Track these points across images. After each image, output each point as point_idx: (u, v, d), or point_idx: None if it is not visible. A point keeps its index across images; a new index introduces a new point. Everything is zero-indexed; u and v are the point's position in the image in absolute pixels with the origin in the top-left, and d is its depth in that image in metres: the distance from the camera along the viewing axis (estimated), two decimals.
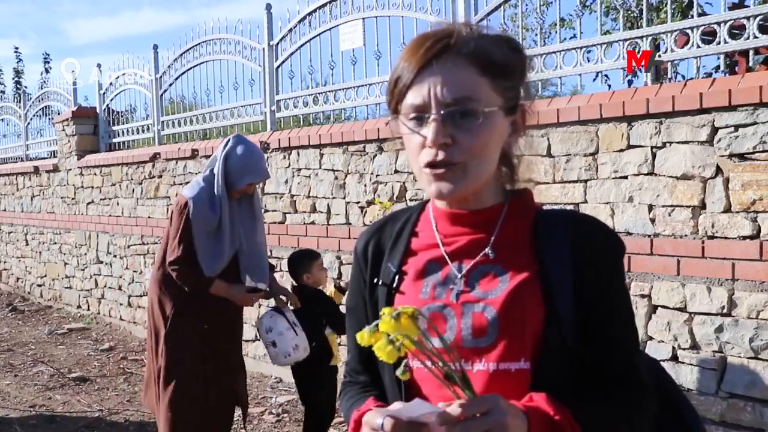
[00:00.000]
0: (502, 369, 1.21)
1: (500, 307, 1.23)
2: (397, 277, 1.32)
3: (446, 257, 1.30)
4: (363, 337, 1.09)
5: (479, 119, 1.21)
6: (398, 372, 1.13)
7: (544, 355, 1.21)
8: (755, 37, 3.39)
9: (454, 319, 1.25)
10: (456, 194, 1.24)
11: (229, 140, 3.75)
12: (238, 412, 4.07)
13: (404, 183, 4.80)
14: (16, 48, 35.77)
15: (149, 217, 7.43)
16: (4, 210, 10.97)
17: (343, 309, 4.09)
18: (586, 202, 3.77)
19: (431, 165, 1.22)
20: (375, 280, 1.35)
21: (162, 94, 7.75)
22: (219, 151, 3.73)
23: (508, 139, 1.29)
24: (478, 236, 1.29)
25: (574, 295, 1.23)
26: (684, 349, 3.42)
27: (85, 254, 8.69)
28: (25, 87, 19.20)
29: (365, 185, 5.05)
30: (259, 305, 5.55)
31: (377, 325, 1.08)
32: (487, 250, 1.28)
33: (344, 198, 5.23)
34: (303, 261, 4.09)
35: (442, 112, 1.20)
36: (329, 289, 4.24)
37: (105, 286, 8.32)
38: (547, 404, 1.15)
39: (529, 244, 1.28)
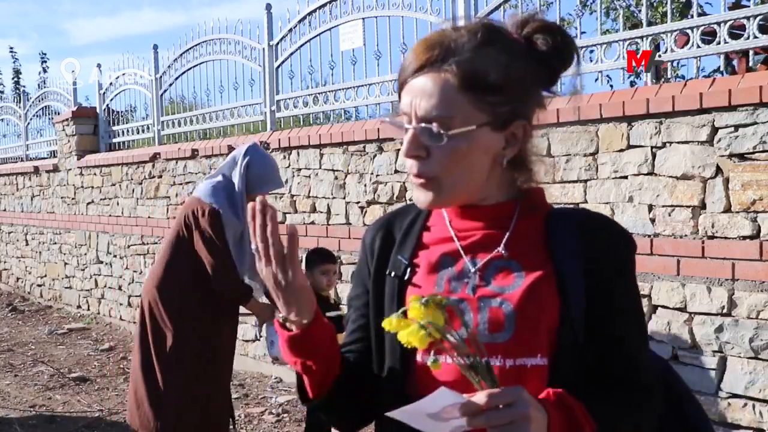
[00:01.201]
0: (519, 364, 1.21)
1: (517, 302, 1.23)
2: (408, 270, 1.32)
3: (461, 251, 1.30)
4: (389, 323, 1.10)
5: (452, 138, 1.21)
6: (429, 362, 1.14)
7: (560, 352, 1.21)
8: (755, 37, 3.39)
9: (471, 314, 1.24)
10: (432, 206, 1.28)
11: (248, 149, 3.74)
12: (238, 412, 4.06)
13: (404, 183, 4.80)
14: (11, 48, 35.63)
15: (149, 217, 7.43)
16: (4, 210, 10.97)
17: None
18: (586, 202, 3.77)
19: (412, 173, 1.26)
20: (386, 271, 1.35)
21: (162, 94, 7.75)
22: (238, 157, 3.72)
23: (503, 151, 1.27)
24: (492, 232, 1.29)
25: (585, 293, 1.24)
26: (684, 349, 3.42)
27: (85, 254, 8.69)
28: (24, 87, 19.14)
29: (365, 185, 5.05)
30: None
31: (404, 312, 1.09)
32: (500, 248, 1.28)
33: (344, 198, 5.23)
34: (310, 260, 4.10)
35: (416, 126, 1.22)
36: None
37: (105, 286, 8.32)
38: (566, 400, 1.15)
39: (542, 242, 1.28)
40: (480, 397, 1.07)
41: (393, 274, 1.33)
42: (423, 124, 1.21)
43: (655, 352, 1.47)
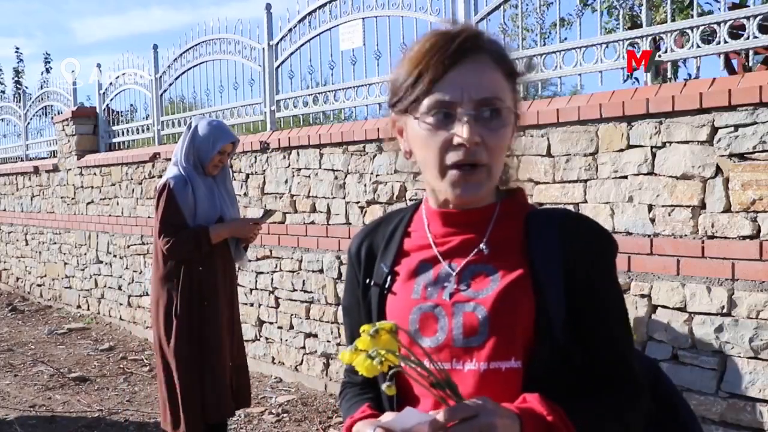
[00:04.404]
0: (493, 368, 1.21)
1: (491, 306, 1.23)
2: (389, 278, 1.33)
3: (439, 257, 1.31)
4: (345, 356, 1.10)
5: (504, 120, 1.23)
6: (383, 387, 1.14)
7: (535, 354, 1.21)
8: (755, 37, 3.39)
9: (446, 319, 1.25)
10: (479, 196, 1.26)
11: (190, 124, 3.91)
12: (237, 412, 4.08)
13: (404, 183, 4.80)
14: (17, 48, 35.79)
15: (149, 217, 7.42)
16: (4, 210, 10.97)
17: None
18: (586, 202, 3.77)
19: (458, 165, 1.22)
20: (368, 281, 1.36)
21: (162, 94, 7.75)
22: (183, 134, 3.90)
23: (509, 140, 1.31)
24: (471, 236, 1.30)
25: (565, 294, 1.24)
26: (684, 349, 3.43)
27: (85, 254, 8.69)
28: (26, 87, 19.17)
29: (365, 185, 5.05)
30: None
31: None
32: (481, 246, 1.28)
33: (344, 198, 5.23)
34: None
35: (473, 112, 1.20)
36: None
37: (105, 286, 8.32)
38: (540, 405, 1.16)
39: (520, 243, 1.28)
40: (443, 414, 1.08)
41: (374, 282, 1.35)
42: (486, 107, 1.21)
43: (641, 352, 1.48)
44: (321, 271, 5.40)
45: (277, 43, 6.16)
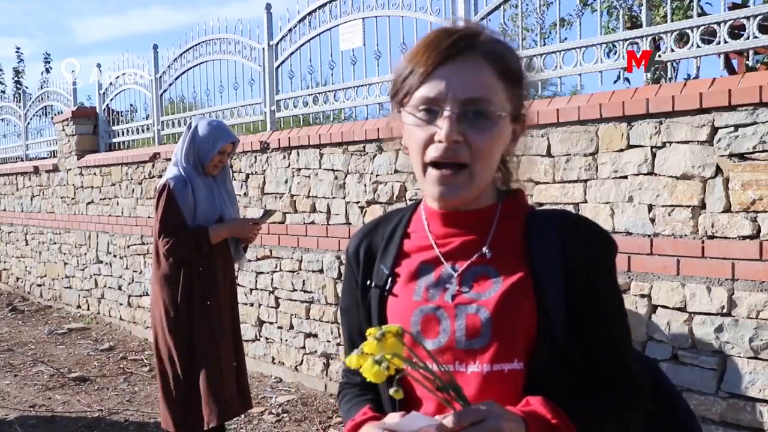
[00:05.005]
0: (496, 370, 1.21)
1: (493, 308, 1.23)
2: (389, 279, 1.32)
3: (441, 258, 1.30)
4: (352, 360, 1.09)
5: (492, 122, 1.21)
6: (391, 391, 1.13)
7: (537, 356, 1.21)
8: (755, 37, 3.39)
9: (448, 321, 1.25)
10: (459, 198, 1.24)
11: (191, 124, 3.91)
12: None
13: (404, 183, 4.80)
14: (18, 48, 35.81)
15: (149, 217, 7.42)
16: (4, 210, 10.97)
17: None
18: (585, 202, 3.77)
19: (437, 164, 1.21)
20: (368, 282, 1.35)
21: (162, 94, 7.75)
22: (183, 135, 3.91)
23: (508, 146, 1.30)
24: (472, 237, 1.29)
25: (565, 294, 1.24)
26: (684, 349, 3.43)
27: (85, 254, 8.69)
28: (26, 87, 19.18)
29: (365, 185, 5.05)
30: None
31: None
32: (484, 249, 1.28)
33: (344, 198, 5.23)
34: None
35: (456, 110, 1.19)
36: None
37: (105, 286, 8.32)
38: (543, 408, 1.16)
39: (520, 244, 1.28)
40: (449, 419, 1.08)
41: (375, 284, 1.34)
42: (470, 107, 1.20)
43: (641, 352, 1.48)
44: (321, 271, 5.40)
45: (277, 43, 6.16)
